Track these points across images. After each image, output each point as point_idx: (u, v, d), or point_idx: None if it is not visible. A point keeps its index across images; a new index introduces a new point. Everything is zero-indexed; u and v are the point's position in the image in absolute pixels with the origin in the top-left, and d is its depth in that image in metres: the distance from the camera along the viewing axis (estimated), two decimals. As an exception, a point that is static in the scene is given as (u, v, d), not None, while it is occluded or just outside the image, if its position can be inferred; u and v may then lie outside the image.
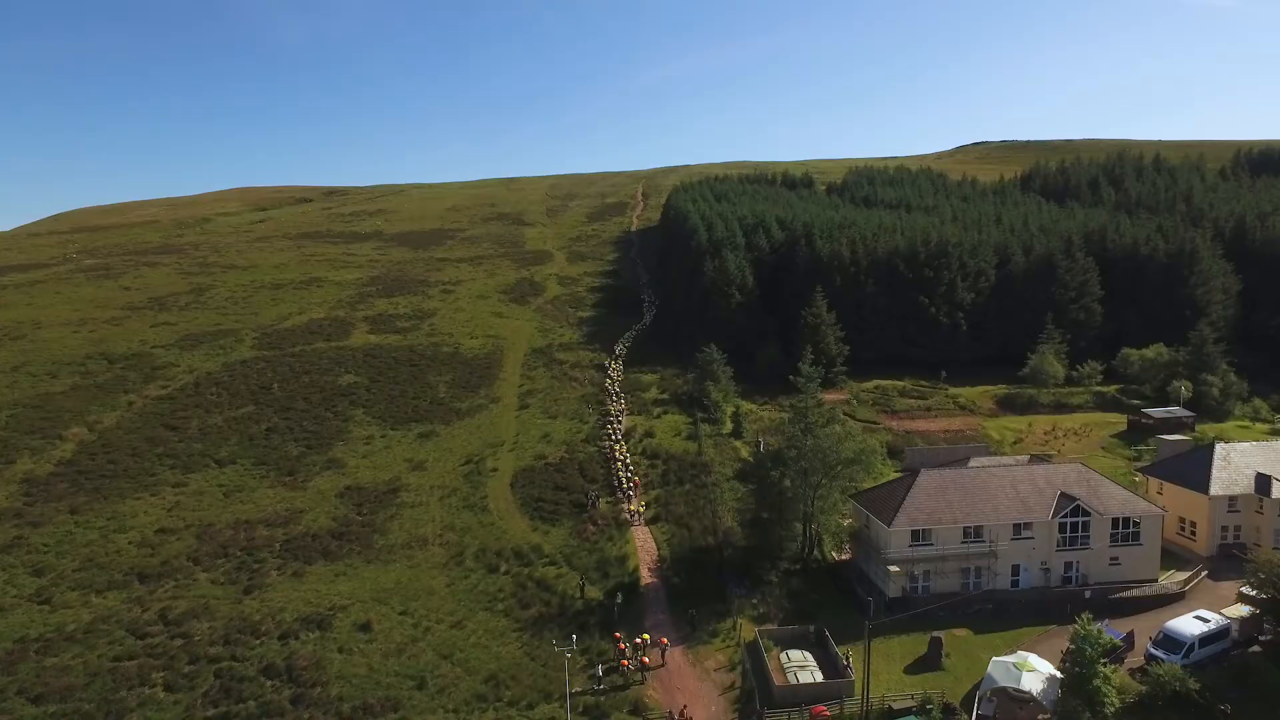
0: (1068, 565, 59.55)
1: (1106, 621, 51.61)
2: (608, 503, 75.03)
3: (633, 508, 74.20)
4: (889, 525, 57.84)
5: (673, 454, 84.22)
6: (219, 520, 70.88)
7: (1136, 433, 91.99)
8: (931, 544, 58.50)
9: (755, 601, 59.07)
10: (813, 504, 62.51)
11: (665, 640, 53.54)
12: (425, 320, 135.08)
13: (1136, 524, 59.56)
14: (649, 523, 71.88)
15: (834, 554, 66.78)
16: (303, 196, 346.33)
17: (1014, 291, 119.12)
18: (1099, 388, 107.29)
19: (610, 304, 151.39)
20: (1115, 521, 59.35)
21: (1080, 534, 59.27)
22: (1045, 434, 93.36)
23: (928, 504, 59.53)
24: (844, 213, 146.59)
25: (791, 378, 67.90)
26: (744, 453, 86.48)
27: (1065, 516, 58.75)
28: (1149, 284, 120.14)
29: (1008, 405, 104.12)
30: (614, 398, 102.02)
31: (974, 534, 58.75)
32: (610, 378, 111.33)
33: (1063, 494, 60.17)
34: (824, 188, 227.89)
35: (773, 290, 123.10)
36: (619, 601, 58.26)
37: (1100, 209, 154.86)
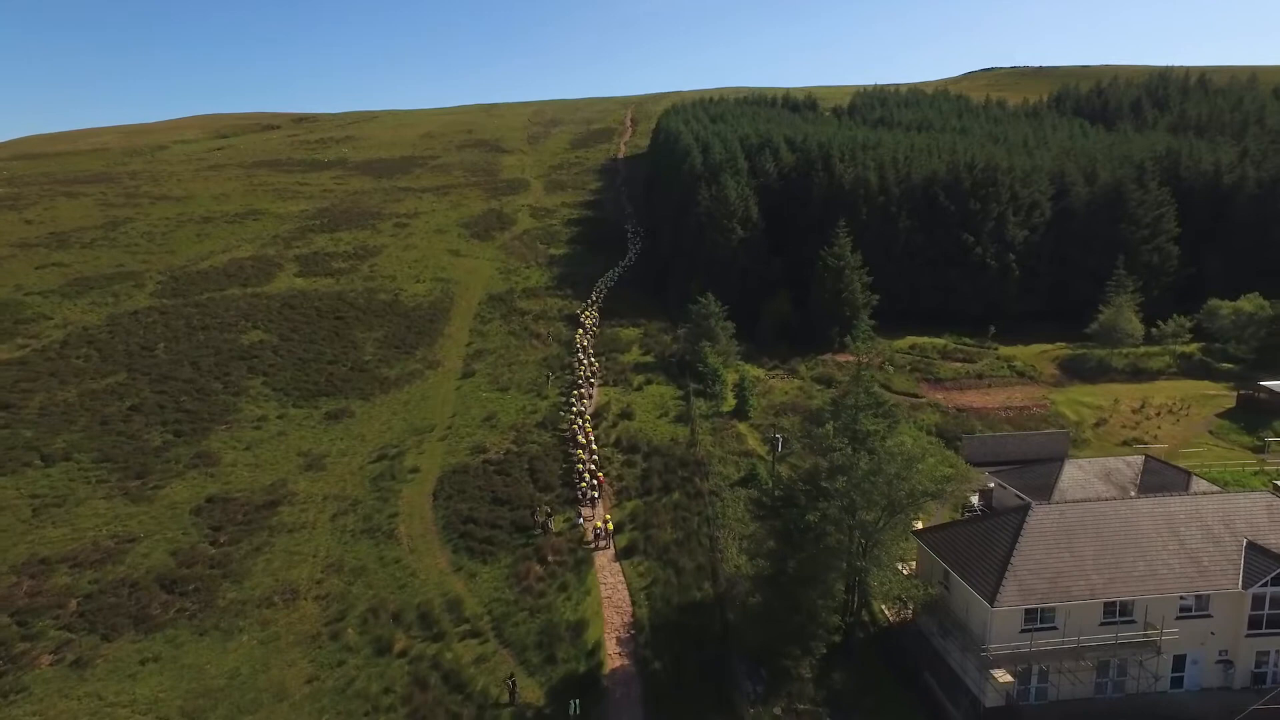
0: (1261, 658, 37.53)
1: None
2: (566, 521, 52.57)
3: (598, 523, 51.85)
4: (992, 603, 35.43)
5: (657, 446, 61.30)
6: (2, 559, 47.99)
7: (1251, 412, 69.31)
8: (1055, 626, 36.31)
9: (778, 712, 37.08)
10: (864, 555, 39.99)
11: (636, 812, 31.66)
12: (367, 260, 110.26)
13: (1369, 594, 37.38)
14: (621, 555, 49.38)
15: (887, 612, 44.74)
16: (269, 123, 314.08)
17: (1074, 228, 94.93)
18: (1180, 348, 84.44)
19: (589, 240, 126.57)
20: (1339, 591, 37.17)
21: (1283, 609, 37.12)
22: (1134, 412, 70.71)
23: (1047, 562, 37.01)
24: (865, 133, 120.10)
25: (836, 357, 44.39)
26: (751, 441, 63.72)
27: (1265, 584, 36.44)
28: (1234, 220, 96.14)
29: (1073, 371, 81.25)
30: (584, 359, 78.77)
31: (1121, 612, 36.56)
32: (582, 328, 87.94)
33: (1252, 545, 37.64)
34: (829, 111, 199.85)
35: (780, 226, 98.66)
36: (572, 715, 36.19)
37: (1156, 133, 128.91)
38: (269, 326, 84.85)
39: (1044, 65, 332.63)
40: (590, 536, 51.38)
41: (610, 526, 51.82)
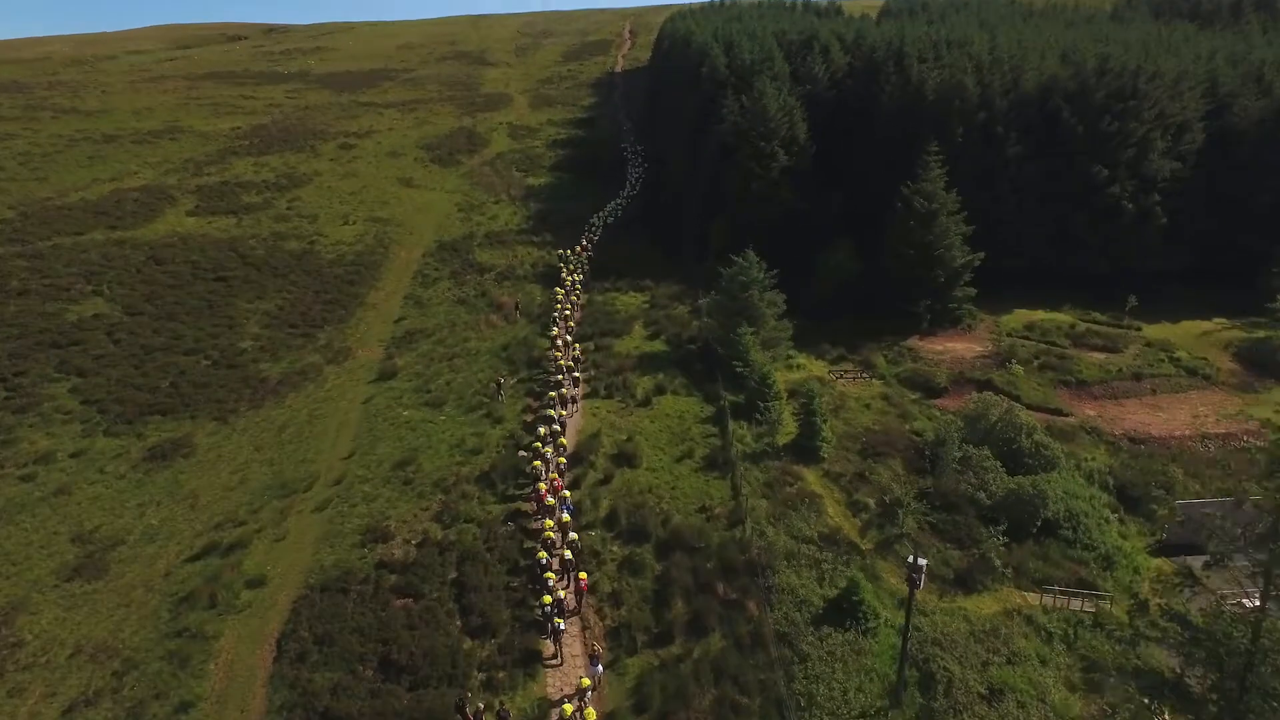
0: None
1: None
2: (532, 700, 26.85)
3: (569, 708, 26.09)
4: None
5: (678, 528, 34.79)
6: None
7: None
8: None
9: None
10: None
11: None
12: (289, 192, 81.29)
13: None
14: (618, 815, 23.79)
15: None
16: (236, 34, 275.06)
17: (1237, 158, 66.34)
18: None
19: (578, 165, 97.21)
20: None
21: None
22: (1401, 446, 44.51)
23: None
24: (942, 29, 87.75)
25: (924, 342, 30.40)
26: (830, 508, 37.30)
27: None
28: None
29: (1257, 365, 54.46)
30: (563, 346, 51.54)
31: None
32: (562, 289, 60.18)
33: None
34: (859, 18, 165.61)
35: (834, 152, 69.89)
36: None
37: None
38: (116, 292, 57.08)
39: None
40: (560, 727, 25.85)
41: (592, 713, 26.12)
